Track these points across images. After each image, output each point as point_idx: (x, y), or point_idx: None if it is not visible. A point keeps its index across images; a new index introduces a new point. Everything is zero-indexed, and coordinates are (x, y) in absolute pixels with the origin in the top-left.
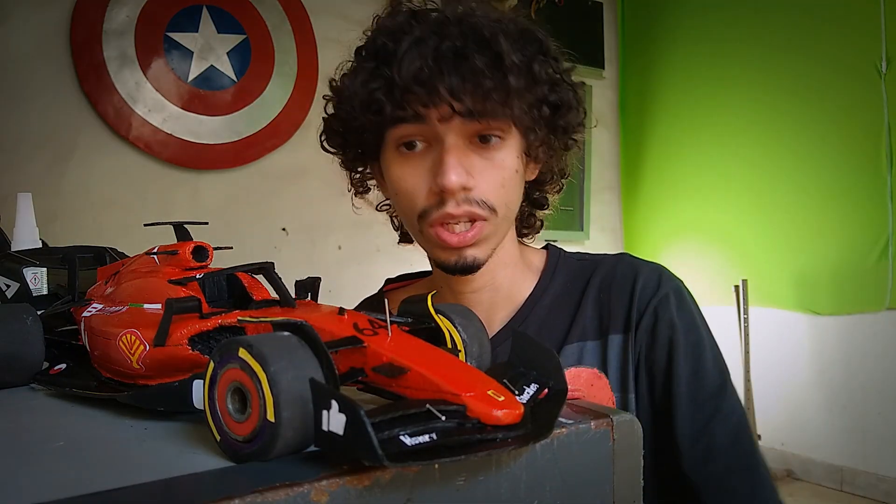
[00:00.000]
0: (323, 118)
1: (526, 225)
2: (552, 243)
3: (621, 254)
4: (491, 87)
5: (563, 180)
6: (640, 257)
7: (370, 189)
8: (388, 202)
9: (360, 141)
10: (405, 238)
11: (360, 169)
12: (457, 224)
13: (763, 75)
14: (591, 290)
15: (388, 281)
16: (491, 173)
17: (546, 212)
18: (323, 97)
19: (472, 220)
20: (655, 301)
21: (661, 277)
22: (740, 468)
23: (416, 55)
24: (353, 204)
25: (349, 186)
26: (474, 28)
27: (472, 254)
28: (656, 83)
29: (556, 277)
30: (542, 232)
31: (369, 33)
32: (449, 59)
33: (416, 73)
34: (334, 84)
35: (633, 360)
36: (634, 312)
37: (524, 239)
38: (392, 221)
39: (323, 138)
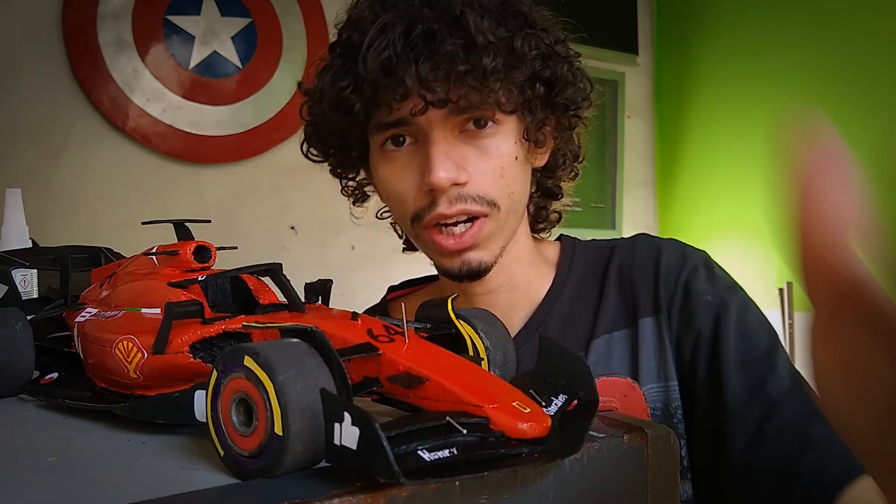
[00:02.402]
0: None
1: (539, 219)
2: (565, 234)
3: (637, 235)
4: (464, 70)
5: (577, 164)
6: (658, 235)
7: (369, 196)
8: (387, 209)
9: (343, 145)
10: (410, 245)
11: (350, 175)
12: (454, 225)
13: (810, 63)
14: (612, 276)
15: (392, 289)
16: (486, 163)
17: (561, 204)
18: (300, 87)
19: (470, 218)
20: (684, 276)
21: (685, 251)
22: (811, 416)
23: (383, 45)
24: (351, 213)
25: (330, 204)
26: (445, 7)
27: (475, 257)
28: (694, 70)
29: (573, 269)
30: (571, 230)
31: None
32: (417, 44)
33: (383, 65)
34: (303, 87)
35: (671, 343)
36: (663, 292)
37: (540, 234)
38: (394, 229)
39: (304, 147)
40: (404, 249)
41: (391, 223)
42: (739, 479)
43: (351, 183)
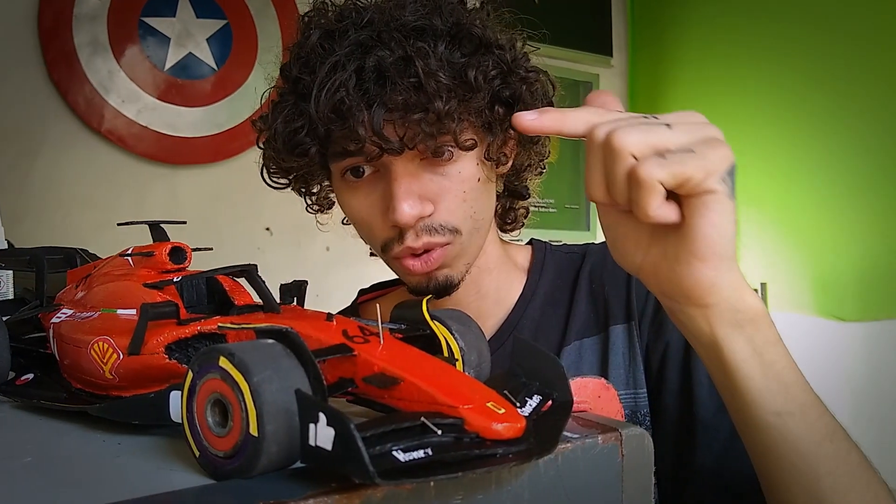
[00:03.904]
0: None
1: (507, 219)
2: (536, 238)
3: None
4: (418, 118)
5: (542, 162)
6: None
7: (333, 203)
8: None
9: (303, 171)
10: None
11: (314, 191)
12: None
13: (783, 64)
14: (583, 282)
15: (362, 292)
16: (450, 191)
17: (528, 202)
18: (254, 125)
19: (433, 249)
20: None
21: None
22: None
23: (334, 87)
24: (316, 220)
25: (305, 206)
26: (397, 42)
27: (444, 273)
28: (669, 72)
29: (544, 275)
30: (545, 231)
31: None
32: (370, 88)
33: (335, 108)
34: (257, 124)
35: (641, 352)
36: (635, 300)
37: (509, 234)
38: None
39: (264, 173)
40: (372, 254)
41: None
42: (708, 490)
43: (312, 197)
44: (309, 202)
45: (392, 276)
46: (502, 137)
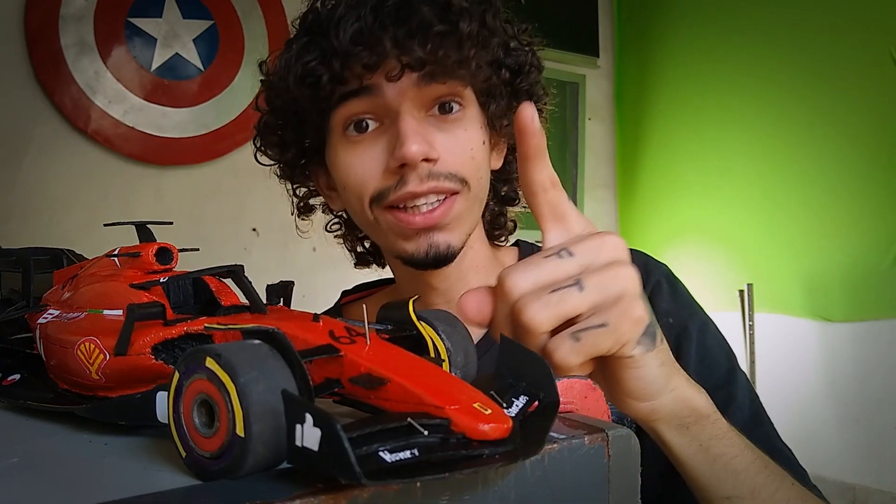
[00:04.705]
0: (256, 121)
1: (496, 226)
2: (523, 240)
3: None
4: (442, 32)
5: None
6: None
7: (314, 208)
8: (337, 222)
9: (300, 135)
10: (362, 260)
11: (299, 180)
12: (422, 204)
13: (770, 65)
14: None
15: (345, 293)
16: (456, 145)
17: (518, 209)
18: (260, 68)
19: (439, 199)
20: (647, 291)
21: (648, 265)
22: (767, 453)
23: (354, 17)
24: (297, 227)
25: (291, 207)
26: None
27: (443, 239)
28: (655, 73)
29: None
30: (533, 232)
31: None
32: (391, 12)
33: (356, 34)
34: (265, 67)
35: None
36: None
37: (496, 241)
38: (345, 243)
39: (258, 142)
40: (356, 264)
41: (341, 236)
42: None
43: (301, 190)
44: (291, 192)
45: (374, 277)
46: (505, 105)
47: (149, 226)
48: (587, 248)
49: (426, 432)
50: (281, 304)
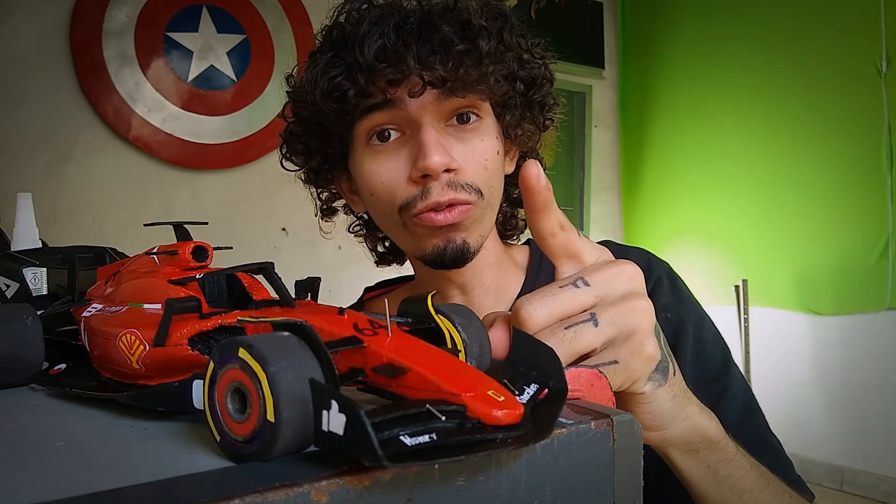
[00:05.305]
0: (283, 129)
1: (508, 226)
2: (533, 239)
3: (603, 242)
4: (462, 50)
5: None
6: (623, 243)
7: (336, 210)
8: (359, 223)
9: (324, 144)
10: (383, 259)
11: (322, 185)
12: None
13: (763, 75)
14: None
15: (368, 289)
16: (473, 155)
17: None
18: (287, 81)
19: (457, 205)
20: (648, 287)
21: (650, 262)
22: (756, 444)
23: (378, 34)
24: (320, 230)
25: (315, 210)
26: (436, 2)
27: (462, 237)
28: (656, 83)
29: (542, 272)
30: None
31: (322, 35)
32: (413, 30)
33: (380, 51)
34: (292, 80)
35: None
36: None
37: (508, 241)
38: (366, 243)
39: (284, 150)
40: (377, 263)
41: (363, 236)
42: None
43: (324, 194)
44: (316, 195)
45: (395, 275)
46: (519, 115)
47: (185, 226)
48: (603, 278)
49: (444, 418)
50: (308, 298)
